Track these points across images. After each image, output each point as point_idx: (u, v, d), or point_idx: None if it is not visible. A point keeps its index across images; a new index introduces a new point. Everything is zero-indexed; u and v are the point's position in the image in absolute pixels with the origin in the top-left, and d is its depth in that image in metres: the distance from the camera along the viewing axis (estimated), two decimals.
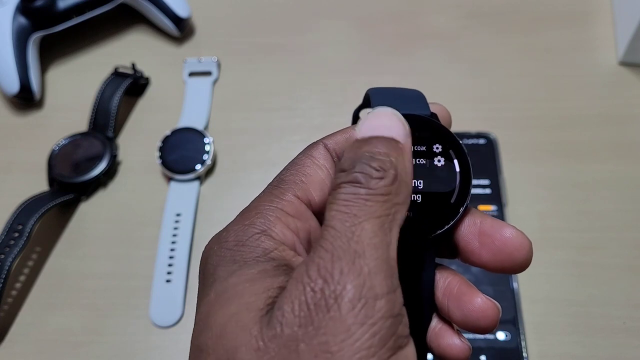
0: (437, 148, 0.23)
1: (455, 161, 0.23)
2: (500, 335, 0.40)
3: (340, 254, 0.18)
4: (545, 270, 0.42)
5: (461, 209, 0.23)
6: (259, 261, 0.20)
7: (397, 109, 0.23)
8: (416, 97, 0.25)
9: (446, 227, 0.23)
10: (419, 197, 0.23)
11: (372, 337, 0.17)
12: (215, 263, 0.21)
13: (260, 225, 0.21)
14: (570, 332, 0.40)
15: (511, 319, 0.40)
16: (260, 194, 0.23)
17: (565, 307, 0.41)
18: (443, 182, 0.23)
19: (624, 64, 0.52)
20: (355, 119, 0.29)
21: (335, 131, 0.25)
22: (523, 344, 0.39)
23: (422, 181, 0.23)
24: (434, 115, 0.24)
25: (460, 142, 0.23)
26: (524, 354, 0.39)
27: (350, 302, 0.18)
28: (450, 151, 0.23)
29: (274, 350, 0.18)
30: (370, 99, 0.24)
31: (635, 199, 0.45)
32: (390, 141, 0.21)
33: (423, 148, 0.23)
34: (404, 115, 0.23)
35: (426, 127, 0.23)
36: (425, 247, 0.23)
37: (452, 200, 0.23)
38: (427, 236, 0.23)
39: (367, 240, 0.19)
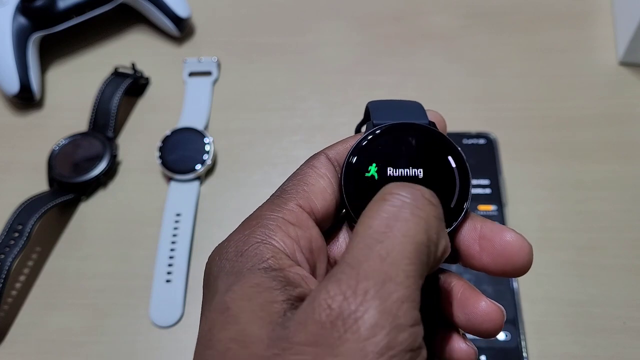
0: (436, 154, 0.23)
1: (454, 167, 0.23)
2: (500, 335, 0.40)
3: (368, 273, 0.17)
4: (545, 271, 0.42)
5: (461, 214, 0.23)
6: (254, 271, 0.20)
7: (395, 119, 0.24)
8: (414, 107, 0.25)
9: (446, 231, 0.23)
10: None
11: None
12: (215, 275, 0.21)
13: (261, 235, 0.21)
14: (570, 332, 0.40)
15: (511, 319, 0.40)
16: (263, 204, 0.23)
17: (565, 307, 0.41)
18: (442, 187, 0.23)
19: (624, 64, 0.52)
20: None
21: (336, 142, 0.25)
22: (523, 344, 0.39)
23: (422, 187, 0.23)
24: (432, 124, 0.24)
25: (459, 148, 0.24)
26: (524, 354, 0.39)
27: (372, 328, 0.16)
28: (449, 157, 0.23)
29: None
30: (370, 113, 0.25)
31: (635, 199, 0.45)
32: None
33: (422, 155, 0.23)
34: (402, 124, 0.24)
35: (425, 134, 0.24)
36: None
37: (452, 205, 0.23)
38: None
39: (402, 265, 0.17)
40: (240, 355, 0.18)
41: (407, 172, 0.23)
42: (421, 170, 0.23)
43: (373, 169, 0.23)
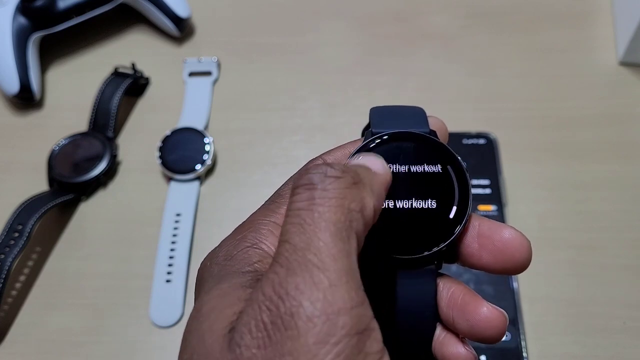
0: (435, 164, 0.23)
1: (454, 177, 0.23)
2: None
3: (295, 268, 0.17)
4: (545, 270, 0.42)
5: (458, 227, 0.23)
6: (237, 273, 0.20)
7: (395, 127, 0.23)
8: (415, 114, 0.25)
9: (442, 245, 0.22)
10: (417, 213, 0.23)
11: (335, 357, 0.16)
12: (205, 279, 0.21)
13: (252, 239, 0.21)
14: (570, 332, 0.40)
15: (511, 319, 0.40)
16: (257, 209, 0.23)
17: (565, 307, 0.41)
18: (442, 198, 0.23)
19: (624, 64, 0.52)
20: None
21: (335, 147, 0.25)
22: (523, 344, 0.39)
23: (420, 197, 0.23)
24: (432, 132, 0.24)
25: (459, 157, 0.23)
26: (524, 354, 0.39)
27: (308, 319, 0.16)
28: (449, 167, 0.23)
29: None
30: (370, 120, 0.24)
31: (635, 199, 0.45)
32: (361, 165, 0.20)
33: (421, 165, 0.23)
34: (401, 133, 0.23)
35: (424, 143, 0.23)
36: (425, 263, 0.23)
37: (451, 216, 0.23)
38: (425, 252, 0.22)
39: (325, 250, 0.17)
40: (202, 355, 0.18)
41: (404, 185, 0.23)
42: (419, 181, 0.23)
43: None
